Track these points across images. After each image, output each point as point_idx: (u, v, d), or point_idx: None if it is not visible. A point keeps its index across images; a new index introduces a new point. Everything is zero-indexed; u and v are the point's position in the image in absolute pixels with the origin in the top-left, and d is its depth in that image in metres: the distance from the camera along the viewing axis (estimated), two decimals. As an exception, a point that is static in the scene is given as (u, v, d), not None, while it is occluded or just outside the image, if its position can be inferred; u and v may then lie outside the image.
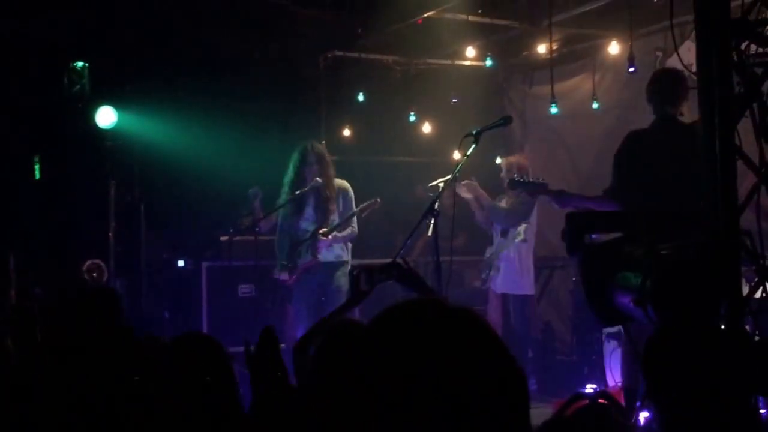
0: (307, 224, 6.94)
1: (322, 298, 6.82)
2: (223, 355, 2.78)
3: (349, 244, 7.01)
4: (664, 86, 5.25)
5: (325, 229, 6.82)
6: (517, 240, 6.88)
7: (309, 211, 6.94)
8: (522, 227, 6.84)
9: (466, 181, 6.96)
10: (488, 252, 7.37)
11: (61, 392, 2.84)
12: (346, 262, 6.93)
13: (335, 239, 6.86)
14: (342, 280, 6.82)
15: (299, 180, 6.90)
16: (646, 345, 2.48)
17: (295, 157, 6.94)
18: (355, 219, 6.98)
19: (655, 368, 2.40)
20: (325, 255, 6.85)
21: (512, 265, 7.08)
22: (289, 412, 2.54)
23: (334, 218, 6.89)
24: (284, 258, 7.03)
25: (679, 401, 2.21)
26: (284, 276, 7.04)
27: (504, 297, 7.11)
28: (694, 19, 3.80)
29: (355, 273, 3.26)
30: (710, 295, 3.54)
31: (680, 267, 3.65)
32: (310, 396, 2.63)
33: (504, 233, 7.11)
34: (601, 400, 4.38)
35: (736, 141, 3.66)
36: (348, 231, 6.94)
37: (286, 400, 2.53)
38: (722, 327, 3.27)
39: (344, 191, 6.99)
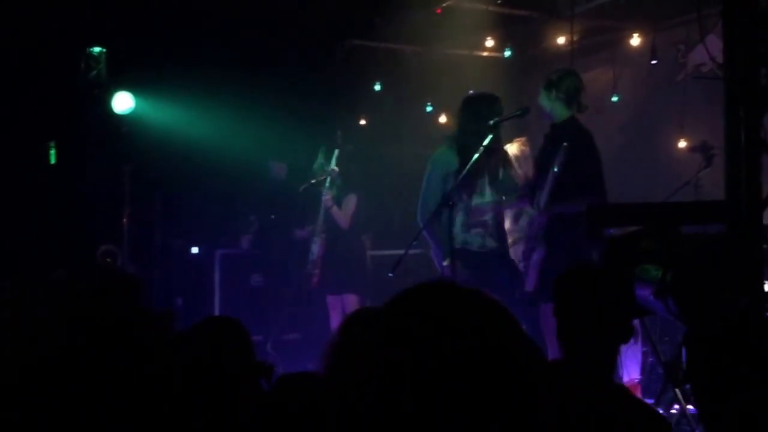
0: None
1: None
2: (247, 339, 2.78)
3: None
4: (572, 86, 5.61)
5: None
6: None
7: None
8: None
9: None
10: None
11: (81, 378, 2.83)
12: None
13: None
14: None
15: None
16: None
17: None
18: None
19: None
20: None
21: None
22: (306, 396, 2.54)
23: None
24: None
25: None
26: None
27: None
28: (720, 11, 3.74)
29: None
30: (731, 289, 3.51)
31: (701, 260, 3.62)
32: (329, 380, 2.63)
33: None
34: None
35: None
36: None
37: (303, 385, 2.52)
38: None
39: None
